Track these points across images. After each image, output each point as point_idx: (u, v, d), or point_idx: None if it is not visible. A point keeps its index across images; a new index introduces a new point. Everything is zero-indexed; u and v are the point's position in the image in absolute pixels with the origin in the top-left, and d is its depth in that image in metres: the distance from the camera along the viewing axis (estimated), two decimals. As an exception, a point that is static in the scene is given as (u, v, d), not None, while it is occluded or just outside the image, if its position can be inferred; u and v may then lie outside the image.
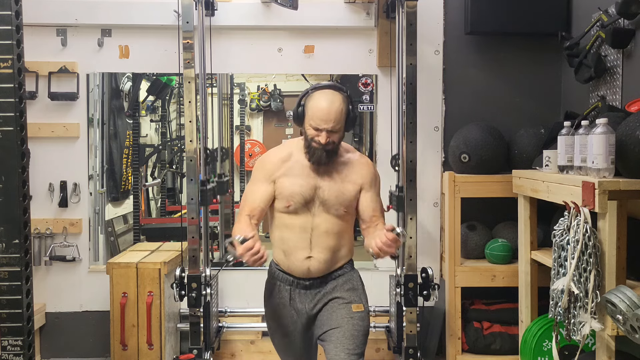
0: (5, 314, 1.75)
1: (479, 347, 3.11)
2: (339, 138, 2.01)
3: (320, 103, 1.97)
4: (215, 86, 3.90)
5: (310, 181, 2.03)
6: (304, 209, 2.03)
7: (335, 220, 2.05)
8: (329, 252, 2.05)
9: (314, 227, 2.03)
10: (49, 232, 3.33)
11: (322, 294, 2.08)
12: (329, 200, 2.02)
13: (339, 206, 2.03)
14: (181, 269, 2.81)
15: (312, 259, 2.04)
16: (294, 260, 2.05)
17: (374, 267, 3.42)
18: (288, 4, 3.08)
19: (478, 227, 3.23)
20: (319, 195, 2.03)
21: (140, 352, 3.01)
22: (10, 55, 1.71)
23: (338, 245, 2.07)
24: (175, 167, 4.48)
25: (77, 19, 3.27)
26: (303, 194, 2.01)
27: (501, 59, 3.37)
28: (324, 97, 1.97)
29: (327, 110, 1.95)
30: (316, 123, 1.96)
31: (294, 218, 2.04)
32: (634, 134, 1.97)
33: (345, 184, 2.06)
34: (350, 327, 2.01)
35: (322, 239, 2.04)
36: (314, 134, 1.98)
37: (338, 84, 2.07)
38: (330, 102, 1.96)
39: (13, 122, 1.72)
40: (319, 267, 2.05)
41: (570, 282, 2.00)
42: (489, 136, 3.08)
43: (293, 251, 2.05)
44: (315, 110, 1.96)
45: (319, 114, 1.96)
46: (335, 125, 1.97)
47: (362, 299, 2.11)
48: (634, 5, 2.43)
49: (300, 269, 2.05)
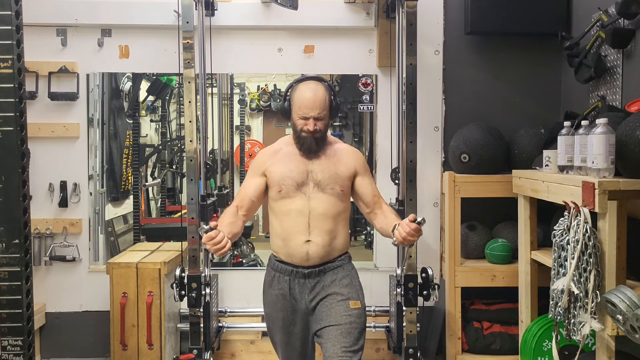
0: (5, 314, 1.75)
1: (479, 347, 3.11)
2: (325, 125, 2.12)
3: (305, 93, 2.09)
4: (215, 86, 3.90)
5: (301, 166, 2.12)
6: (299, 192, 2.10)
7: (332, 201, 2.11)
8: (327, 235, 2.10)
9: (311, 209, 2.09)
10: (49, 232, 3.33)
11: (321, 286, 2.11)
12: (323, 180, 2.11)
13: (334, 184, 2.11)
14: (181, 269, 2.81)
15: (311, 242, 2.09)
16: (293, 245, 2.09)
17: (374, 267, 3.42)
18: (288, 4, 3.08)
19: (478, 227, 3.23)
20: (312, 178, 2.11)
21: (140, 352, 3.01)
22: (10, 55, 1.72)
23: (335, 229, 2.12)
24: (175, 167, 4.49)
25: (77, 19, 3.27)
26: (294, 177, 2.10)
27: (501, 59, 3.37)
28: (308, 88, 2.10)
29: (312, 99, 2.07)
30: (303, 112, 2.07)
31: (290, 203, 2.10)
32: (634, 134, 1.98)
33: (339, 166, 2.15)
34: (347, 324, 2.05)
35: (319, 222, 2.09)
36: (302, 124, 2.09)
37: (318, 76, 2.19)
38: (314, 92, 2.09)
39: (13, 122, 1.72)
40: (318, 252, 2.09)
41: (570, 282, 2.00)
42: (489, 136, 3.08)
43: (292, 236, 2.10)
44: (301, 100, 2.08)
45: (305, 103, 2.07)
46: (321, 112, 2.08)
47: (359, 295, 2.15)
48: (634, 5, 2.43)
49: (300, 254, 2.09)
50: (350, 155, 2.20)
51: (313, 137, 2.09)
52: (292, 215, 2.10)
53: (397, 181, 3.07)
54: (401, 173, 2.94)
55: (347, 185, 2.16)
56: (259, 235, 4.59)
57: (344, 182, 2.14)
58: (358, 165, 2.19)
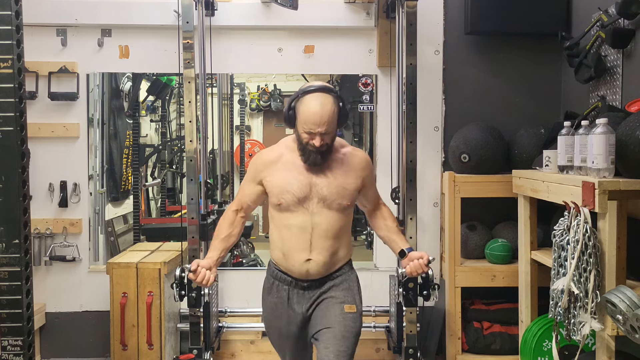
0: (5, 314, 1.75)
1: (479, 347, 3.11)
2: (332, 139, 2.00)
3: (311, 107, 1.94)
4: (215, 86, 3.90)
5: (302, 179, 2.01)
6: (300, 207, 2.01)
7: (336, 217, 2.04)
8: (328, 254, 2.04)
9: (314, 226, 2.01)
10: (49, 232, 3.33)
11: (318, 293, 2.09)
12: (330, 195, 2.01)
13: (341, 200, 2.02)
14: (181, 269, 2.81)
15: (312, 261, 2.03)
16: (292, 262, 2.04)
17: (374, 267, 3.42)
18: (288, 4, 3.08)
19: (478, 227, 3.23)
20: (316, 192, 2.01)
21: (140, 352, 3.01)
22: (10, 55, 1.72)
23: (337, 246, 2.07)
24: (175, 167, 4.49)
25: (77, 19, 3.27)
26: (294, 192, 2.00)
27: (501, 59, 3.37)
28: (315, 101, 1.94)
29: (319, 115, 1.92)
30: (309, 127, 1.94)
31: (292, 217, 2.02)
32: (634, 134, 1.97)
33: (347, 179, 2.05)
34: (342, 328, 2.01)
35: (322, 241, 2.02)
36: (307, 138, 1.96)
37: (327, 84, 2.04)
38: (321, 106, 1.93)
39: (13, 122, 1.72)
40: (318, 270, 2.05)
41: (570, 282, 2.00)
42: (489, 136, 3.08)
43: (292, 253, 2.04)
44: (308, 115, 1.94)
45: (312, 119, 1.93)
46: (329, 128, 1.95)
47: (356, 299, 2.10)
48: (634, 5, 2.43)
49: (299, 271, 2.05)
50: (359, 164, 2.10)
51: (319, 152, 1.97)
52: (293, 231, 2.03)
53: (397, 200, 3.06)
54: (401, 173, 2.94)
55: (355, 197, 2.09)
56: (259, 235, 4.60)
57: (352, 195, 2.06)
58: (366, 176, 2.11)
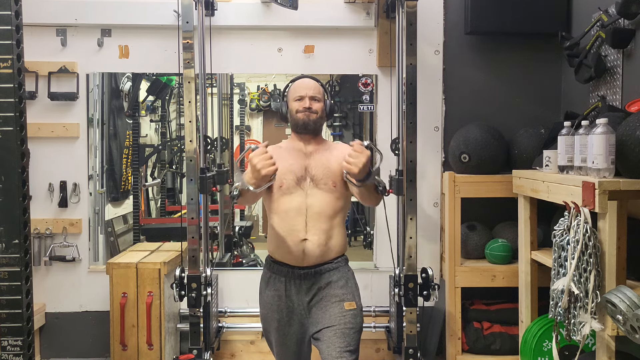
0: (5, 314, 1.75)
1: (479, 347, 3.11)
2: (321, 109, 2.19)
3: (299, 82, 2.23)
4: (215, 86, 3.90)
5: (300, 161, 2.16)
6: (298, 188, 2.12)
7: (327, 199, 2.12)
8: (323, 234, 2.11)
9: (308, 207, 2.10)
10: (49, 232, 3.33)
11: (317, 288, 2.12)
12: (317, 174, 2.14)
13: (327, 179, 2.13)
14: (181, 269, 2.81)
15: (307, 241, 2.09)
16: (290, 243, 2.10)
17: (374, 268, 3.42)
18: (288, 4, 3.08)
19: (478, 227, 3.23)
20: (309, 173, 2.14)
21: (140, 352, 3.01)
22: (10, 55, 1.71)
23: (331, 229, 2.13)
24: (175, 167, 4.49)
25: (77, 19, 3.27)
26: (294, 171, 2.13)
27: (501, 59, 3.37)
28: (302, 80, 2.24)
29: (306, 82, 2.21)
30: (298, 93, 2.18)
31: (289, 200, 2.11)
32: (634, 134, 1.97)
33: (331, 160, 2.18)
34: (342, 326, 2.06)
35: (316, 222, 2.10)
36: (298, 105, 2.17)
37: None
38: (308, 80, 2.23)
39: (13, 122, 1.72)
40: (314, 251, 2.09)
41: (571, 282, 2.00)
42: (489, 136, 3.08)
43: (289, 234, 2.10)
44: (296, 86, 2.21)
45: (299, 86, 2.20)
46: (316, 94, 2.18)
47: (355, 296, 2.16)
48: (634, 5, 2.43)
49: (296, 252, 2.09)
50: (342, 151, 2.16)
51: (309, 116, 2.15)
52: (290, 214, 2.11)
53: (397, 152, 3.03)
54: (401, 158, 2.93)
55: (340, 181, 2.15)
56: (259, 235, 4.60)
57: (336, 177, 2.14)
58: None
